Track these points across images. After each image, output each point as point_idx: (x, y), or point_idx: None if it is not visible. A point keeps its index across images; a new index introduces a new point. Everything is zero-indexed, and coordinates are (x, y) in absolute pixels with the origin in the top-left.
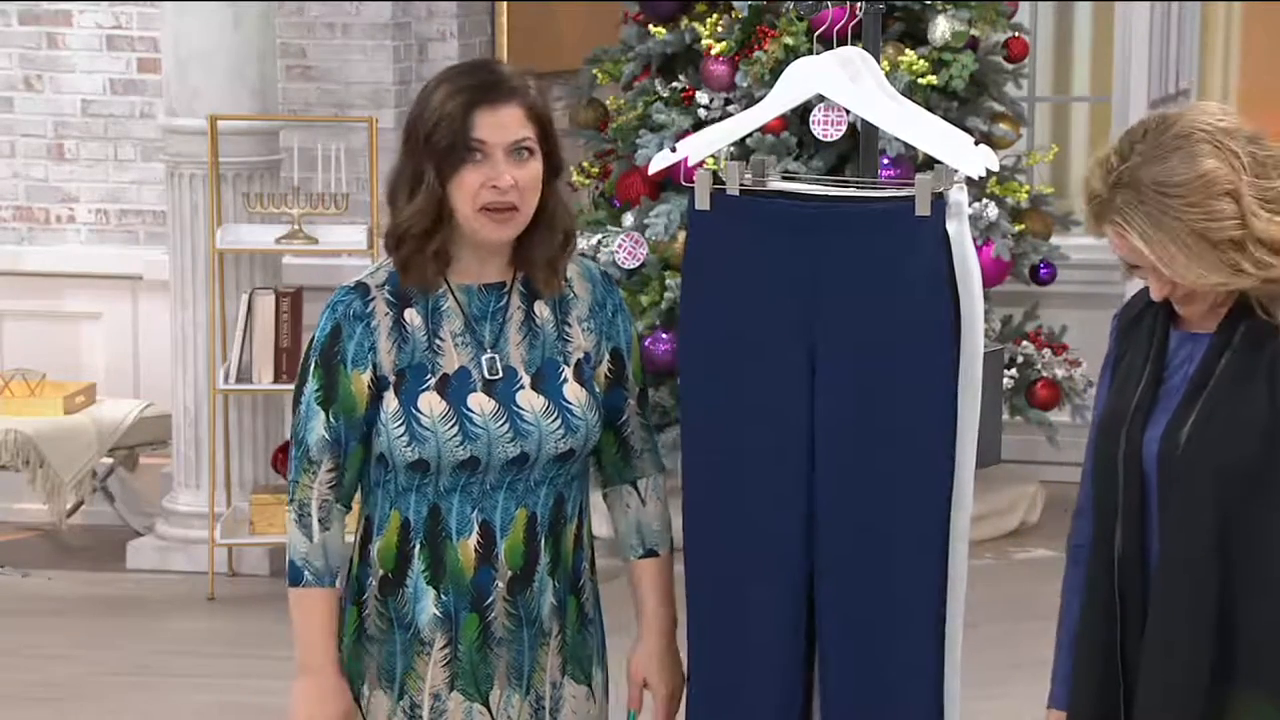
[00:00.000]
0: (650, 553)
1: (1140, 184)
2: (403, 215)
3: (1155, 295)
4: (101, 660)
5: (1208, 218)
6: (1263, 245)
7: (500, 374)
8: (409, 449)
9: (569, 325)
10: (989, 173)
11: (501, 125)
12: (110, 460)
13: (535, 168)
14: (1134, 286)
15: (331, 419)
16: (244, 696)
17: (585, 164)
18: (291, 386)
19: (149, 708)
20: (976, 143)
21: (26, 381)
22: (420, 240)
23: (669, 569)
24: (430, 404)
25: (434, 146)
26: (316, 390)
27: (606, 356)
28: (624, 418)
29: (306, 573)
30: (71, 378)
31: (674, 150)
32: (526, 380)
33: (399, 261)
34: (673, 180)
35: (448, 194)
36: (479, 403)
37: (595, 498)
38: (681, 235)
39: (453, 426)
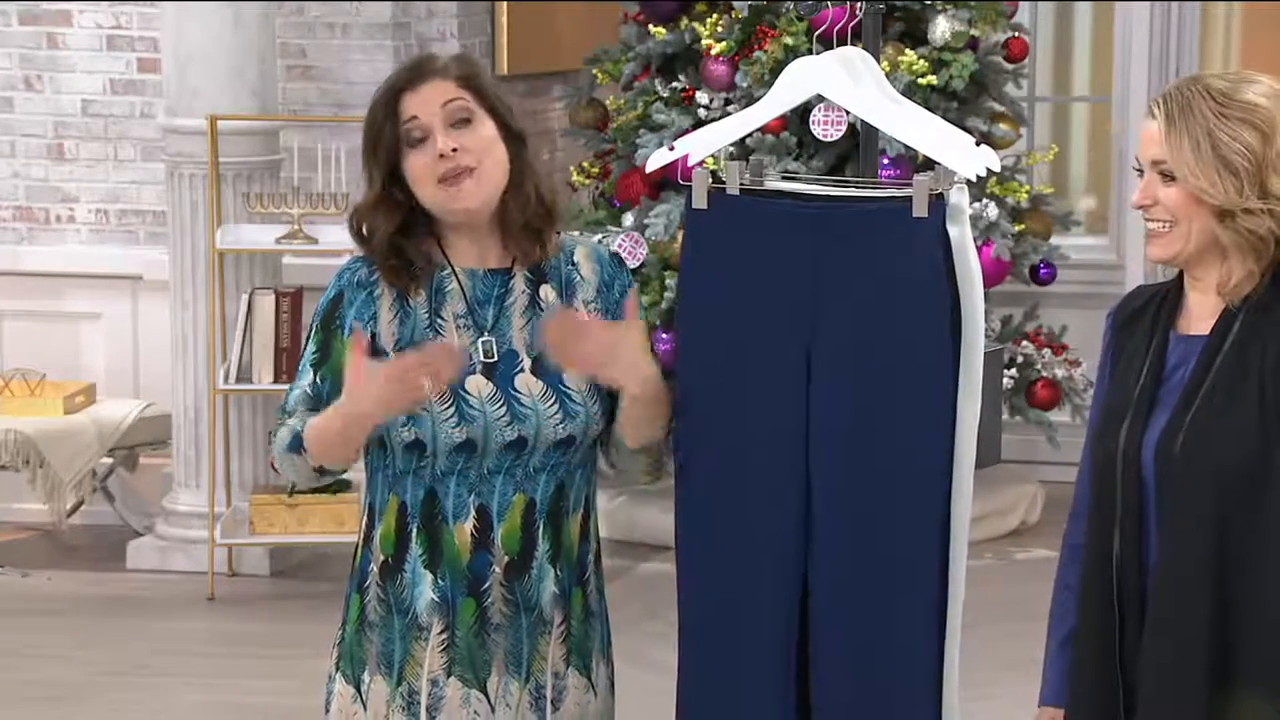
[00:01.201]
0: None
1: (1203, 85)
2: (358, 211)
3: (1136, 198)
4: (101, 660)
5: (1230, 134)
6: (1263, 190)
7: (496, 357)
8: (405, 429)
9: (575, 309)
10: (989, 172)
11: (427, 99)
12: (110, 460)
13: (483, 131)
14: (1133, 285)
15: (318, 380)
16: (244, 696)
17: (585, 164)
18: None
19: (149, 708)
20: (978, 143)
21: (26, 381)
22: (379, 236)
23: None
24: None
25: (374, 143)
26: (313, 352)
27: None
28: None
29: (299, 428)
30: (71, 378)
31: (672, 149)
32: (527, 363)
33: (383, 271)
34: (672, 180)
35: (406, 188)
36: (476, 385)
37: (602, 498)
38: (681, 235)
39: (448, 408)
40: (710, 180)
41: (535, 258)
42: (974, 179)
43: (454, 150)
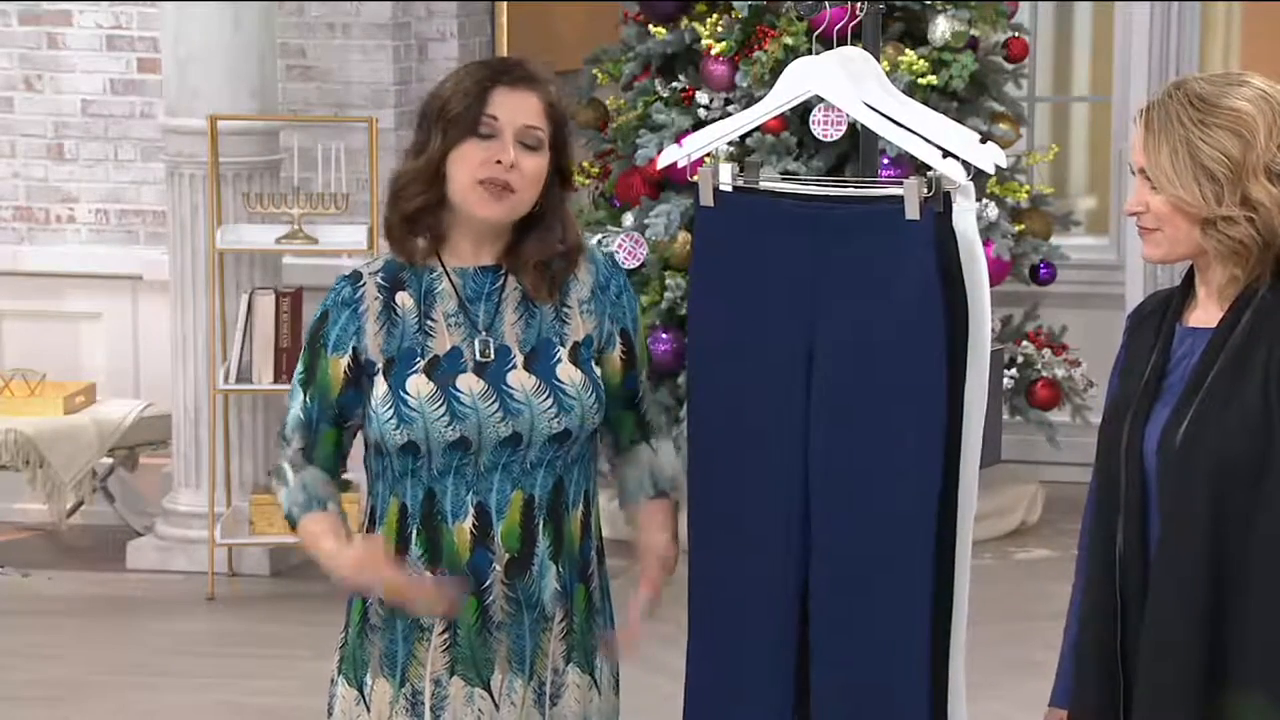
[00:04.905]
0: (661, 494)
1: (1186, 91)
2: (398, 173)
3: (1128, 206)
4: (101, 660)
5: (1208, 142)
6: (1244, 200)
7: (492, 356)
8: (397, 431)
9: (568, 307)
10: (997, 168)
11: (516, 107)
12: (110, 460)
13: (540, 162)
14: (1133, 286)
15: (308, 400)
16: (244, 696)
17: (585, 164)
18: (290, 386)
19: (149, 708)
20: (982, 141)
21: (26, 381)
22: (408, 201)
23: (675, 513)
24: (417, 386)
25: (446, 114)
26: (301, 372)
27: (617, 339)
28: (640, 395)
29: (294, 509)
30: (71, 378)
31: (681, 146)
32: (519, 359)
33: (387, 227)
34: (672, 180)
35: (447, 165)
36: (467, 383)
37: (602, 498)
38: (681, 235)
39: (440, 407)
40: (716, 178)
41: (542, 297)
42: (991, 172)
43: (511, 166)
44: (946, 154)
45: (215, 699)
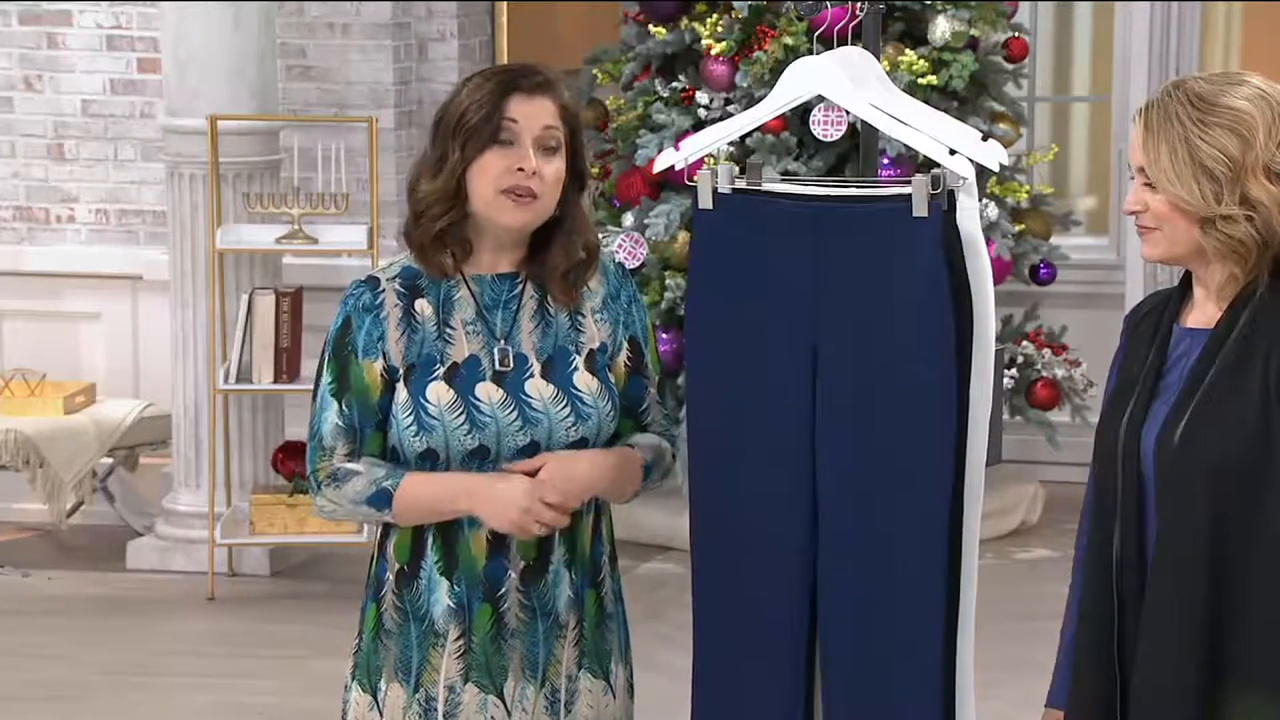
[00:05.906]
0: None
1: (1185, 90)
2: (420, 193)
3: (1127, 204)
4: (101, 660)
5: (1208, 141)
6: (1243, 199)
7: (511, 364)
8: (417, 439)
9: (582, 315)
10: (1000, 167)
11: (534, 112)
12: (110, 460)
13: (560, 165)
14: (1133, 286)
15: (344, 408)
16: (244, 696)
17: None
18: (291, 386)
19: (149, 708)
20: (984, 139)
21: (26, 381)
22: (434, 220)
23: (630, 462)
24: (438, 393)
25: (464, 126)
26: (330, 382)
27: (625, 345)
28: (645, 406)
29: (385, 484)
30: (71, 378)
31: (677, 149)
32: (537, 368)
33: (415, 245)
34: (672, 180)
35: (468, 178)
36: (486, 392)
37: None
38: (681, 235)
39: (460, 415)
40: (714, 180)
41: (565, 301)
42: (996, 169)
43: (533, 173)
44: (953, 151)
45: (215, 699)
